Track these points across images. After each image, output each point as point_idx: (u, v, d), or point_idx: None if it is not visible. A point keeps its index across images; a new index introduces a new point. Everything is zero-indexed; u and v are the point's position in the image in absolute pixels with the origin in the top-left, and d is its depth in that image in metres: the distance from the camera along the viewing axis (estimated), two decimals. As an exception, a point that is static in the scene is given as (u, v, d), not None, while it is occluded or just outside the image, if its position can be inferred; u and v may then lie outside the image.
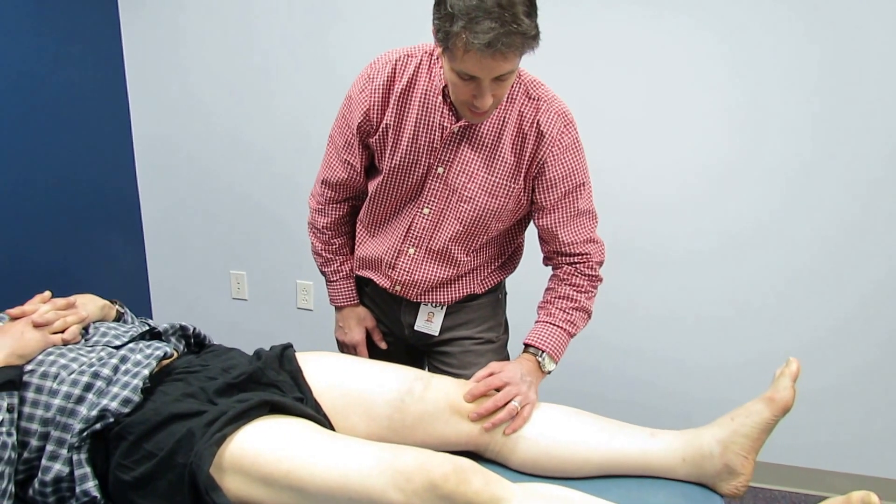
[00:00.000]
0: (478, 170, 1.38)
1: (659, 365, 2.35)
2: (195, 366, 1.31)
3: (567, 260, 1.46)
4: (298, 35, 2.32)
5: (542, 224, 1.44)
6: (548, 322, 1.44)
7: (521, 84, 1.36)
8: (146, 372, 1.21)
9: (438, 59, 1.33)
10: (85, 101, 2.33)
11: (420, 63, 1.36)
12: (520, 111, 1.35)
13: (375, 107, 1.38)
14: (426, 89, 1.35)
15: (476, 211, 1.40)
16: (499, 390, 1.32)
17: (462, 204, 1.40)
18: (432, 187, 1.41)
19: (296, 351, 1.39)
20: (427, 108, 1.35)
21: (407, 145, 1.37)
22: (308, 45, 2.32)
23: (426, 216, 1.44)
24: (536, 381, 1.39)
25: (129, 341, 1.30)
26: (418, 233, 1.46)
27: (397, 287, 1.52)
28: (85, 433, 1.12)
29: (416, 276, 1.49)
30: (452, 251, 1.46)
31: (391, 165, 1.40)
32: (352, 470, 1.07)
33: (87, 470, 1.12)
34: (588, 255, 1.45)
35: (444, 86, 1.33)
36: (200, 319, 1.78)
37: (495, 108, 1.30)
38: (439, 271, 1.48)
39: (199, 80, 2.45)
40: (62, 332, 1.26)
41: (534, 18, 1.14)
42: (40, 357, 1.19)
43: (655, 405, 2.36)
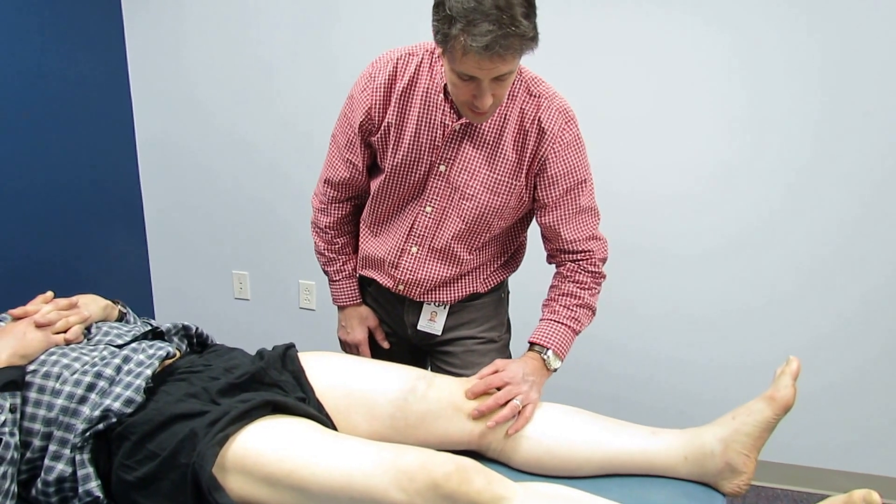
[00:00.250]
0: (480, 167, 1.38)
1: (660, 364, 2.35)
2: (198, 366, 1.31)
3: (570, 257, 1.46)
4: (300, 36, 2.32)
5: (544, 221, 1.44)
6: (552, 319, 1.43)
7: (522, 81, 1.36)
8: (149, 372, 1.21)
9: (440, 57, 1.33)
10: (88, 101, 2.33)
11: (421, 61, 1.36)
12: (521, 108, 1.35)
13: (377, 105, 1.38)
14: (427, 88, 1.35)
15: (478, 208, 1.40)
16: (499, 389, 1.32)
17: (464, 202, 1.40)
18: (434, 185, 1.41)
19: (298, 351, 1.39)
20: (428, 106, 1.35)
21: (409, 143, 1.38)
22: (310, 46, 2.32)
23: (429, 214, 1.44)
24: (540, 380, 1.38)
25: (131, 341, 1.30)
26: (421, 231, 1.46)
27: (400, 286, 1.52)
28: (88, 433, 1.12)
29: (419, 275, 1.49)
30: (455, 249, 1.46)
31: (393, 164, 1.40)
32: (354, 469, 1.07)
33: (90, 470, 1.12)
34: (591, 252, 1.45)
35: (445, 84, 1.32)
36: (203, 319, 1.78)
37: (496, 108, 1.30)
38: (442, 270, 1.48)
39: (201, 80, 2.45)
40: (64, 332, 1.26)
41: (532, 20, 1.13)
42: (43, 357, 1.20)
43: (656, 404, 2.36)
